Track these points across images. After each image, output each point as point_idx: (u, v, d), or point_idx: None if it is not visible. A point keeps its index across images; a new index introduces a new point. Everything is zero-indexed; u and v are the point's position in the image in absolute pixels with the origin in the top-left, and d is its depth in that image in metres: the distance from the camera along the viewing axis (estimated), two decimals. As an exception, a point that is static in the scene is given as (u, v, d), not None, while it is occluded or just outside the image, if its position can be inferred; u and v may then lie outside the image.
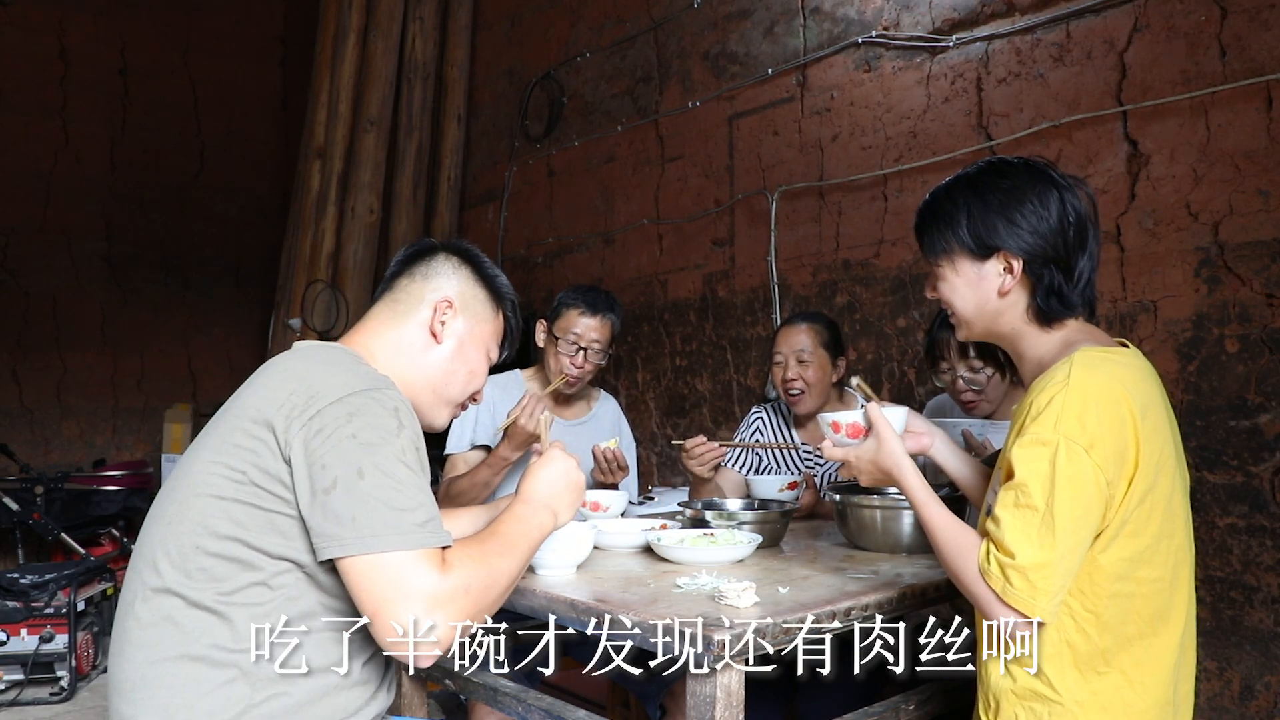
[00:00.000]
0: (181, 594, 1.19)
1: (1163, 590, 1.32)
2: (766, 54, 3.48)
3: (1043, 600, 1.22)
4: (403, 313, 1.46)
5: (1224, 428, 2.26)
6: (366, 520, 1.14)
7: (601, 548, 1.81)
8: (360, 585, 1.15)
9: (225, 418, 1.29)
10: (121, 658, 1.24)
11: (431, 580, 1.14)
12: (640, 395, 4.00)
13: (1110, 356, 1.32)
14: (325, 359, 1.32)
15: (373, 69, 5.09)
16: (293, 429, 1.19)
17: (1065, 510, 1.22)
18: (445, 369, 1.46)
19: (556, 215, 4.56)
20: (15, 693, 3.56)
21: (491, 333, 1.53)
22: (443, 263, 1.50)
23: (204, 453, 1.26)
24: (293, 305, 5.04)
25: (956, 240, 1.40)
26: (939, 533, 1.34)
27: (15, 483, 4.82)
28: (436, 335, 1.45)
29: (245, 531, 1.19)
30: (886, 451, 1.43)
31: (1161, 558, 1.31)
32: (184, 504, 1.23)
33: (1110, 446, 1.24)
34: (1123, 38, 2.47)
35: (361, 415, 1.19)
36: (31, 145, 5.79)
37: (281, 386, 1.25)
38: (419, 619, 1.12)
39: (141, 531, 1.30)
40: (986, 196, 1.38)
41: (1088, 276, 1.37)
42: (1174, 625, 1.33)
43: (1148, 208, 2.41)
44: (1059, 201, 1.36)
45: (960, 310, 1.44)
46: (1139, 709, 1.30)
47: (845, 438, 1.50)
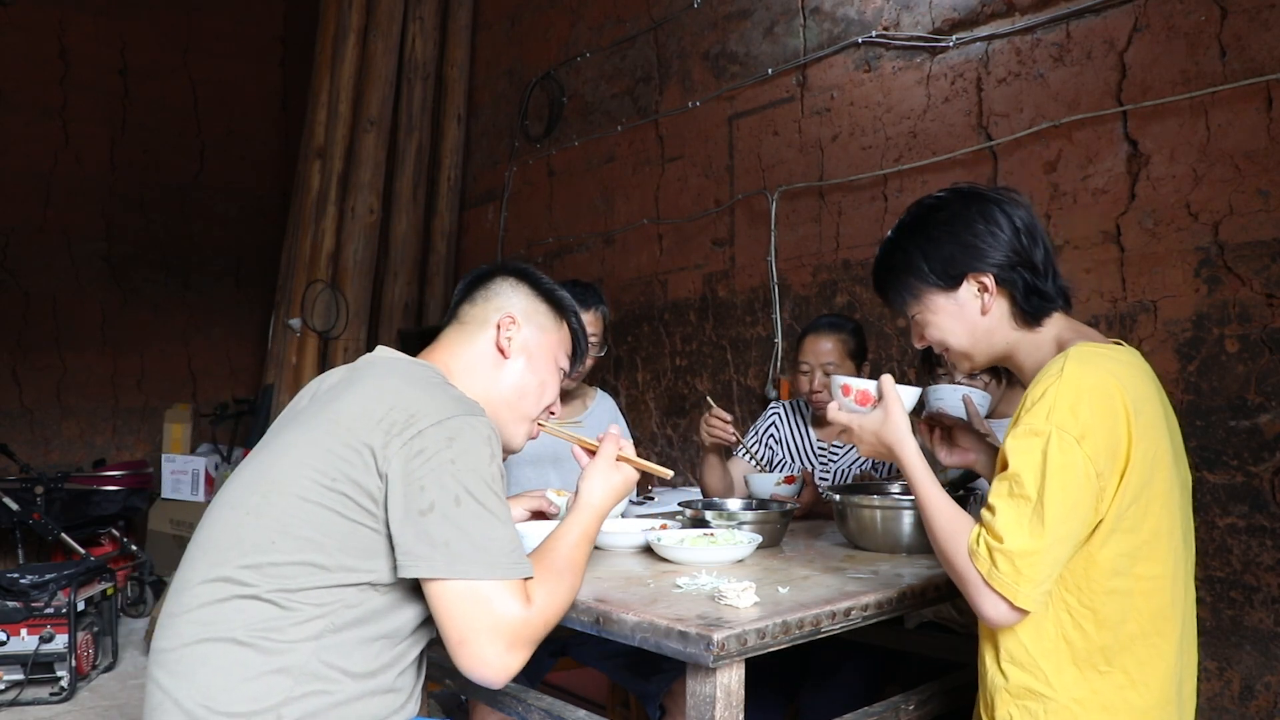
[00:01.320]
0: (246, 583, 1.22)
1: (1162, 588, 1.32)
2: (766, 54, 3.48)
3: (1026, 587, 1.23)
4: (470, 334, 1.51)
5: (1224, 428, 2.26)
6: (459, 546, 1.19)
7: (601, 548, 1.81)
8: (447, 609, 1.20)
9: (318, 422, 1.30)
10: (169, 630, 1.26)
11: (516, 613, 1.20)
12: (640, 395, 4.00)
13: (1105, 353, 1.33)
14: (420, 377, 1.36)
15: (373, 69, 5.09)
16: (392, 447, 1.22)
17: (1055, 500, 1.23)
18: (517, 383, 1.51)
19: (556, 215, 4.56)
20: (15, 693, 3.56)
21: (558, 343, 1.57)
22: (501, 283, 1.55)
23: (294, 452, 1.28)
24: (293, 305, 5.04)
25: (922, 282, 1.44)
26: (935, 514, 1.35)
27: (15, 483, 4.82)
28: (504, 350, 1.50)
29: (324, 537, 1.22)
30: (891, 425, 1.43)
31: (1160, 555, 1.31)
32: (265, 498, 1.26)
33: (1102, 439, 1.25)
34: (1123, 38, 2.47)
35: (459, 441, 1.23)
36: (31, 145, 5.79)
37: (380, 401, 1.28)
38: (501, 654, 1.19)
39: (212, 513, 1.32)
40: (932, 233, 1.43)
41: (1053, 269, 1.41)
42: (1175, 623, 1.33)
43: (1148, 208, 2.41)
44: (1001, 213, 1.40)
45: (955, 345, 1.46)
46: (1142, 708, 1.30)
47: (853, 403, 1.50)
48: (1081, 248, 2.53)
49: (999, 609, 1.26)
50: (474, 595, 1.18)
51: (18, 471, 4.93)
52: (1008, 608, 1.25)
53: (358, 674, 1.24)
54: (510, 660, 1.19)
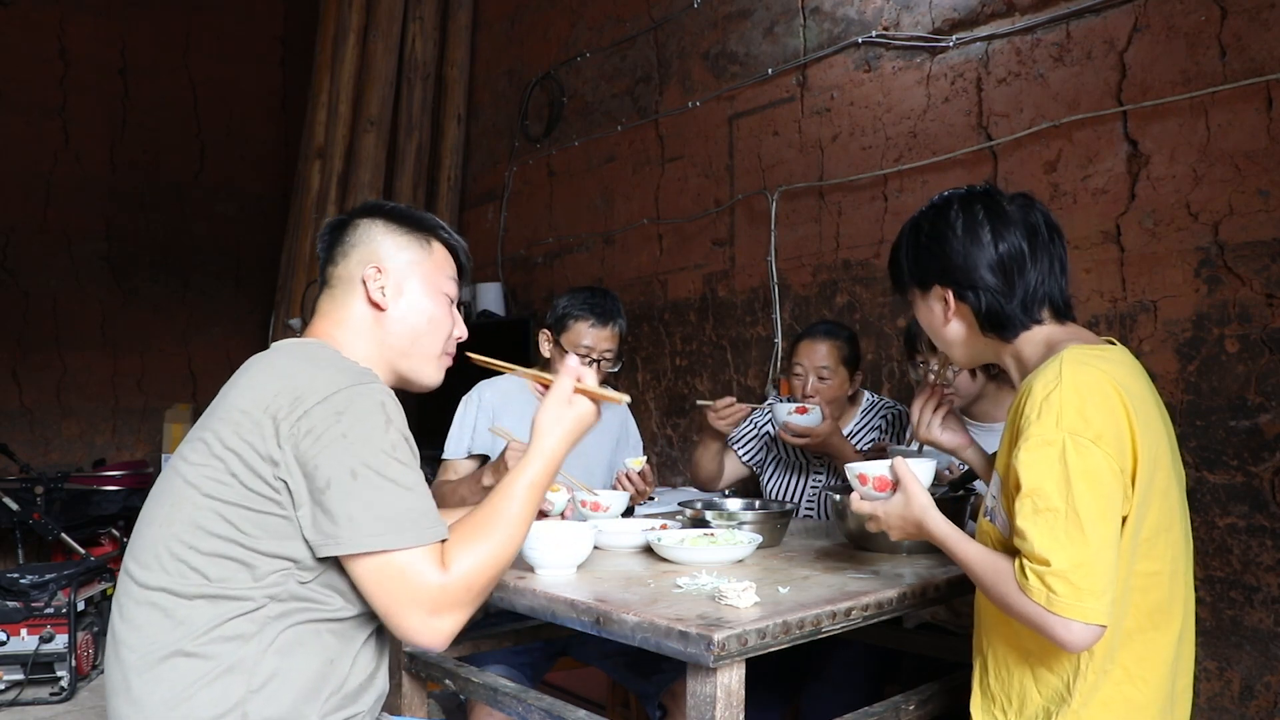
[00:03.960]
0: (175, 591, 1.20)
1: (1161, 584, 1.32)
2: (766, 54, 3.48)
3: (1090, 600, 1.18)
4: (342, 298, 1.41)
5: (1224, 428, 2.26)
6: (361, 520, 1.16)
7: (601, 548, 1.81)
8: (366, 583, 1.19)
9: (211, 419, 1.28)
10: (115, 659, 1.25)
11: (433, 580, 1.17)
12: (640, 395, 4.00)
13: (1098, 353, 1.33)
14: (307, 355, 1.31)
15: (373, 69, 5.09)
16: (281, 430, 1.19)
17: (1087, 504, 1.20)
18: (404, 329, 1.41)
19: (556, 215, 4.56)
20: (15, 693, 3.56)
21: (435, 268, 1.45)
22: (355, 231, 1.44)
23: (192, 454, 1.26)
24: (293, 305, 5.04)
25: (904, 277, 1.51)
26: (976, 565, 1.32)
27: (15, 483, 4.82)
28: (379, 304, 1.39)
29: (238, 532, 1.20)
30: (916, 505, 1.41)
31: (1159, 551, 1.31)
32: (175, 506, 1.24)
33: (1113, 438, 1.24)
34: (1123, 38, 2.47)
35: (349, 413, 1.19)
36: (31, 145, 5.79)
37: (266, 386, 1.24)
38: (425, 620, 1.17)
39: (133, 534, 1.30)
40: (920, 236, 1.47)
41: (1040, 287, 1.40)
42: (1174, 620, 1.33)
43: (1148, 208, 2.41)
44: (988, 231, 1.40)
45: (935, 341, 1.53)
46: (1139, 704, 1.30)
47: (873, 490, 1.49)
48: (1081, 248, 2.53)
49: (1073, 632, 1.19)
50: (388, 567, 1.16)
51: (18, 471, 4.92)
52: (1081, 627, 1.19)
53: (312, 659, 1.23)
54: (440, 625, 1.18)
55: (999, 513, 1.35)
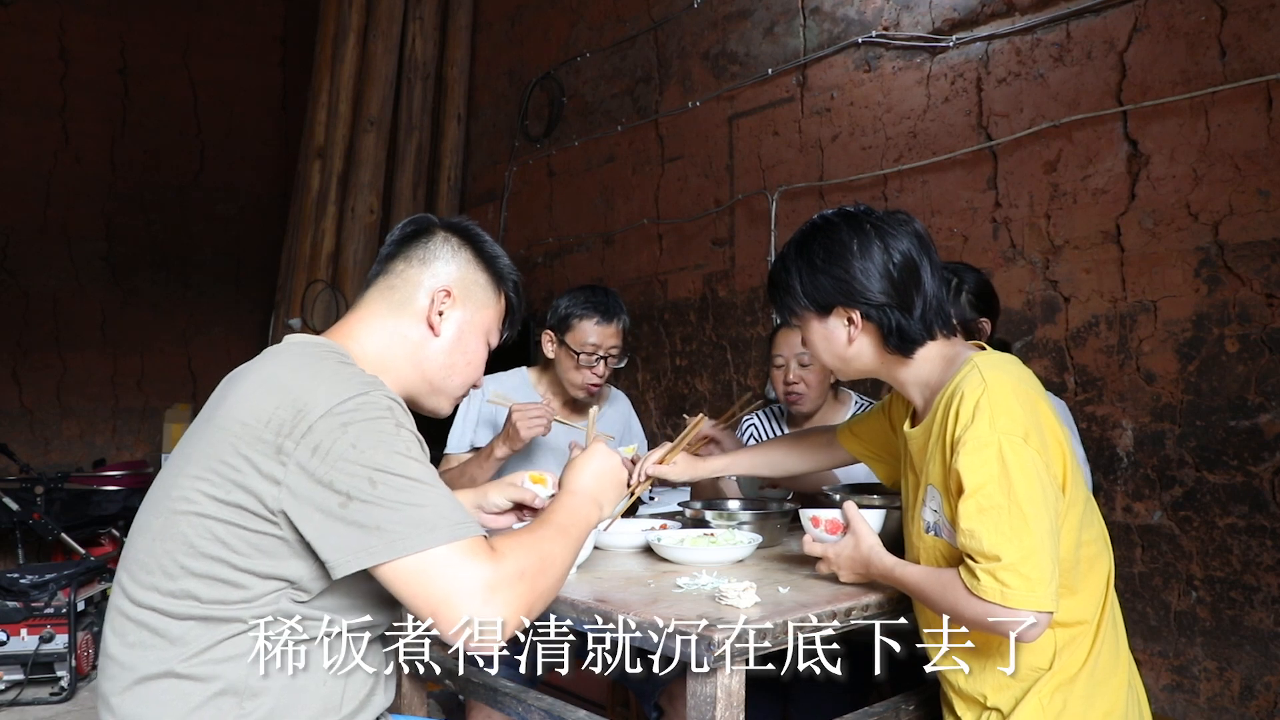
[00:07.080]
0: (166, 612, 1.17)
1: (1099, 541, 1.39)
2: (766, 54, 3.48)
3: (1040, 589, 1.21)
4: (399, 303, 1.37)
5: (1224, 428, 2.26)
6: (393, 524, 1.10)
7: (601, 548, 1.81)
8: (409, 589, 1.11)
9: (208, 430, 1.22)
10: (106, 675, 1.21)
11: (484, 569, 1.10)
12: (640, 395, 4.00)
13: (1002, 359, 1.39)
14: (306, 362, 1.25)
15: (373, 69, 5.09)
16: (285, 449, 1.13)
17: (1027, 497, 1.24)
18: (443, 362, 1.38)
19: (556, 215, 4.56)
20: (15, 693, 3.56)
21: (493, 318, 1.44)
22: (441, 245, 1.40)
23: (188, 466, 1.20)
24: (293, 305, 5.04)
25: (798, 304, 1.49)
26: (923, 584, 1.36)
27: (15, 483, 4.82)
28: (434, 328, 1.36)
29: (230, 552, 1.15)
30: (864, 546, 1.46)
31: (1092, 519, 1.39)
32: (168, 520, 1.19)
33: (1037, 434, 1.28)
34: (1123, 38, 2.47)
35: (355, 424, 1.14)
36: (31, 145, 5.79)
37: (266, 400, 1.18)
38: (479, 609, 1.08)
39: (127, 543, 1.27)
40: (813, 259, 1.46)
41: (934, 304, 1.43)
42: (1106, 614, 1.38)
43: (1148, 208, 2.41)
44: (881, 249, 1.42)
45: (826, 362, 1.53)
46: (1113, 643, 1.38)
47: (824, 532, 1.55)
48: (1081, 248, 2.53)
49: (1027, 622, 1.22)
50: (427, 566, 1.09)
51: (18, 471, 4.92)
52: (1034, 616, 1.22)
53: (306, 681, 1.19)
54: (493, 610, 1.08)
55: (943, 525, 1.37)
